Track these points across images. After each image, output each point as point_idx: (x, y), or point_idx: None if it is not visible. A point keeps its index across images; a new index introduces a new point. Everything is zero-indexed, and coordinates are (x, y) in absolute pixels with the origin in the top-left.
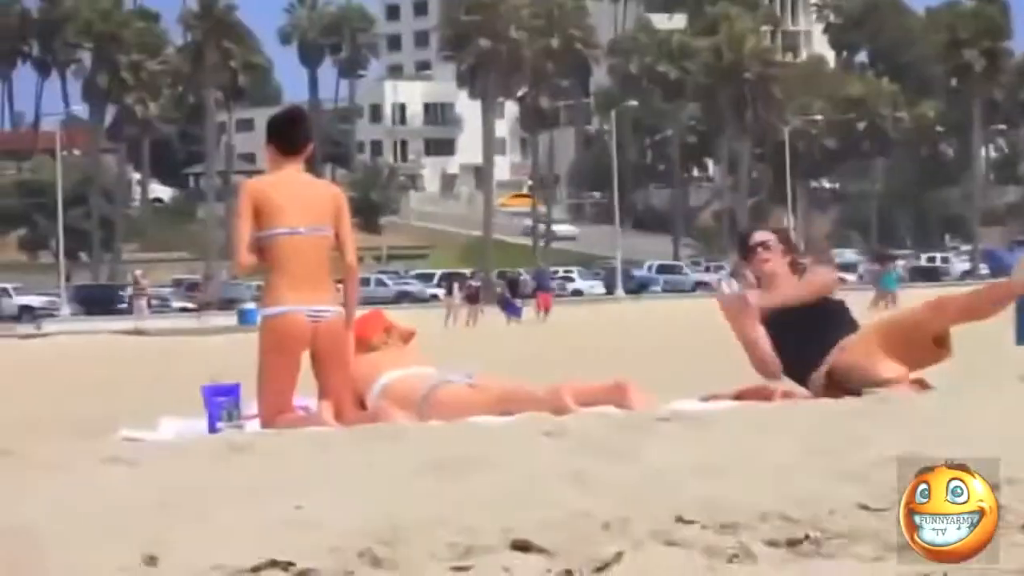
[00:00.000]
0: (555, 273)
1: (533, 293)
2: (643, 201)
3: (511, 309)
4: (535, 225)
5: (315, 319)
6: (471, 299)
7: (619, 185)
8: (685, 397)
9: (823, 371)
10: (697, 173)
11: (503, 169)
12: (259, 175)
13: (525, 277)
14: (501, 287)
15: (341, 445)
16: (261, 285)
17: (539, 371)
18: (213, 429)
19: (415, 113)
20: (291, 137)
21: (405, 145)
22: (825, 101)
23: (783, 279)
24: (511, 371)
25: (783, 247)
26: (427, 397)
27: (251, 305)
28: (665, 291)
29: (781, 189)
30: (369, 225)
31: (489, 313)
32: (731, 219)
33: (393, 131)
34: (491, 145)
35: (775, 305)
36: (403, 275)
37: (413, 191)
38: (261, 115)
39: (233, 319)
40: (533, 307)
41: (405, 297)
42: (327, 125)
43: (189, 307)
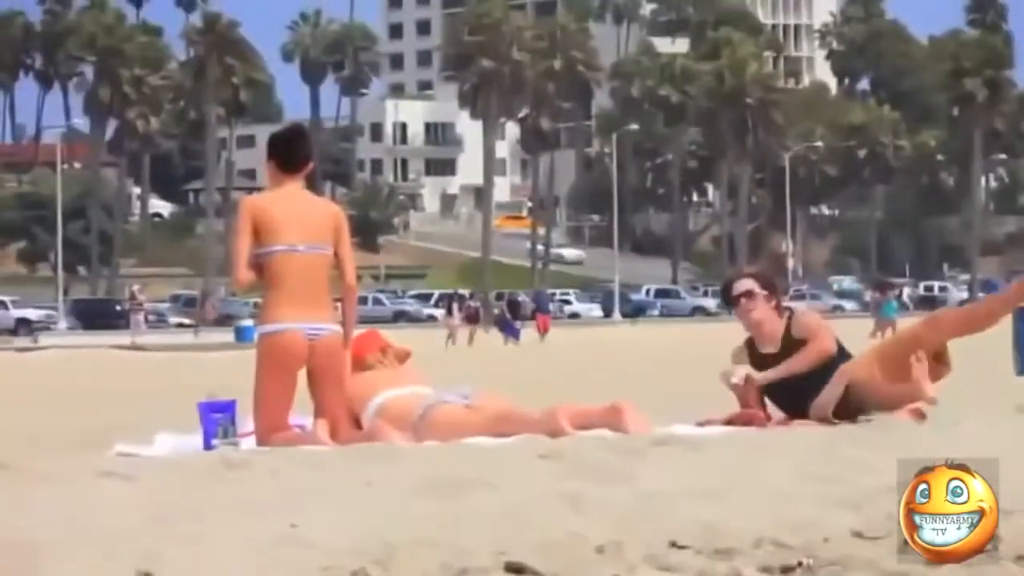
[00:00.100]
0: (553, 296)
1: (532, 315)
2: (642, 225)
3: (510, 330)
4: (546, 247)
5: (312, 337)
6: (470, 319)
7: (619, 208)
8: (680, 422)
9: (837, 391)
10: (697, 198)
11: (503, 190)
12: (259, 192)
13: (524, 299)
14: (500, 308)
15: (336, 464)
16: (259, 302)
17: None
18: (208, 446)
19: (416, 132)
20: (292, 154)
21: (405, 164)
22: (826, 128)
23: (769, 324)
24: (508, 392)
25: (765, 293)
26: (423, 417)
27: (248, 322)
28: (663, 315)
29: (781, 215)
30: (368, 244)
31: (487, 334)
32: (730, 244)
33: (394, 150)
34: (491, 166)
35: (778, 379)
36: (401, 295)
37: (413, 211)
38: (262, 132)
39: (230, 336)
40: (532, 329)
41: (402, 317)
42: (328, 143)
43: (186, 323)
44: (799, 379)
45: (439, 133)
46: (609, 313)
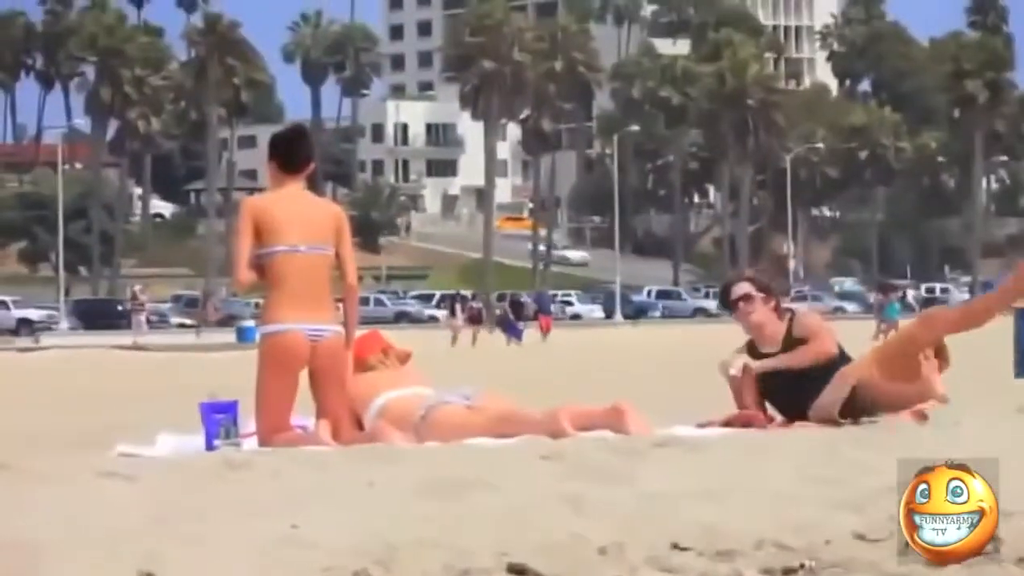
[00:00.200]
0: (554, 297)
1: (535, 316)
2: (643, 226)
3: (512, 331)
4: (548, 248)
5: (314, 338)
6: (473, 320)
7: (620, 210)
8: (682, 423)
9: (839, 393)
10: (698, 199)
11: (504, 191)
12: (260, 192)
13: (527, 299)
14: (503, 309)
15: (338, 465)
16: (260, 303)
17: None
18: (210, 446)
19: (417, 133)
20: (293, 155)
21: (407, 165)
22: (827, 129)
23: (770, 326)
24: (509, 393)
25: (763, 295)
26: (424, 418)
27: (250, 323)
28: (664, 317)
29: (782, 216)
30: (369, 245)
31: (491, 334)
32: (731, 246)
33: (395, 151)
34: (492, 167)
35: (775, 368)
36: (402, 295)
37: (414, 211)
38: (263, 132)
39: (232, 336)
40: (534, 330)
41: (404, 317)
42: (329, 144)
43: (187, 323)
44: (799, 381)
45: (440, 134)
46: (610, 314)
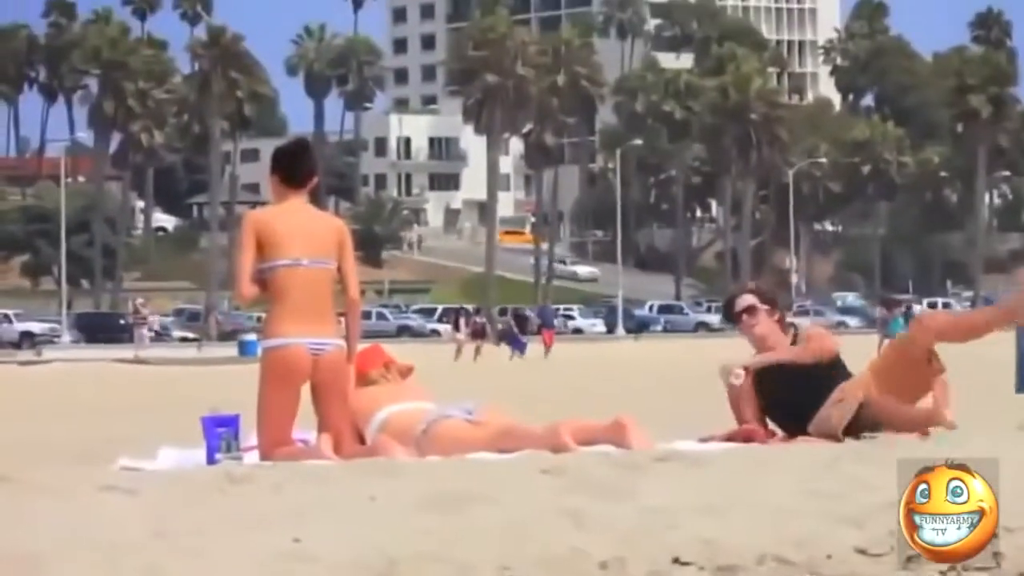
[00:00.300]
0: (556, 311)
1: (538, 330)
2: (646, 240)
3: (516, 343)
4: (550, 262)
5: (316, 352)
6: (477, 335)
7: (622, 224)
8: (683, 437)
9: (843, 409)
10: (700, 213)
11: (507, 205)
12: (263, 206)
13: (530, 313)
14: (505, 323)
15: (340, 479)
16: (262, 316)
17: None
18: (212, 460)
19: (420, 147)
20: (296, 169)
21: (409, 179)
22: (830, 144)
23: (774, 338)
24: (511, 408)
25: (767, 307)
26: (426, 432)
27: (252, 336)
28: (666, 331)
29: (784, 231)
30: (371, 258)
31: (492, 348)
32: (734, 260)
33: (397, 165)
34: (495, 180)
35: (771, 363)
36: (404, 309)
37: (416, 225)
38: (266, 146)
39: (234, 350)
40: (537, 344)
41: (406, 331)
42: (332, 157)
43: (189, 337)
44: (799, 395)
45: (443, 148)
46: (613, 329)
